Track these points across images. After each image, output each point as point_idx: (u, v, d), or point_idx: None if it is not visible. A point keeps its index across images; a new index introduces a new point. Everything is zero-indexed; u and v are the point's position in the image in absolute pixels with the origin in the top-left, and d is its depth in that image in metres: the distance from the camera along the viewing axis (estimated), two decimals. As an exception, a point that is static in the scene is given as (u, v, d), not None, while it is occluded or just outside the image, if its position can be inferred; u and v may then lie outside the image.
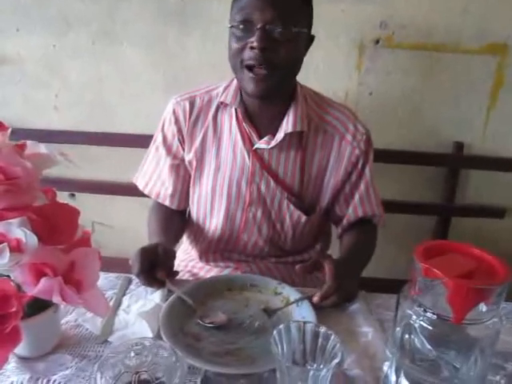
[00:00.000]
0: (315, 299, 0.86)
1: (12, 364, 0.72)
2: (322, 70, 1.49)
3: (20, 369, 0.71)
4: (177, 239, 1.15)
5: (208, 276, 1.12)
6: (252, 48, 0.90)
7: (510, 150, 1.56)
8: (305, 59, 1.01)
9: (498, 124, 1.53)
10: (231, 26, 0.94)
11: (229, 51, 0.96)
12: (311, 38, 1.01)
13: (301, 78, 1.09)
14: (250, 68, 0.92)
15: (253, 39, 0.90)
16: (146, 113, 1.59)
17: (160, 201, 1.15)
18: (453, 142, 1.56)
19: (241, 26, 0.91)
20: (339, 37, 1.46)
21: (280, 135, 1.01)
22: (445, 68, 1.47)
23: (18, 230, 0.63)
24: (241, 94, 1.03)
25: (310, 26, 0.99)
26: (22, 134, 1.56)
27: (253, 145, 1.04)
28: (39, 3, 1.51)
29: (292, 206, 1.07)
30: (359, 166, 1.08)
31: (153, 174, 1.15)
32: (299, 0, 0.93)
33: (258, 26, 0.89)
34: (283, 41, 0.91)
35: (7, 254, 0.62)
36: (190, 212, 1.18)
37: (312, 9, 0.98)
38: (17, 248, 0.63)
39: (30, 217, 0.65)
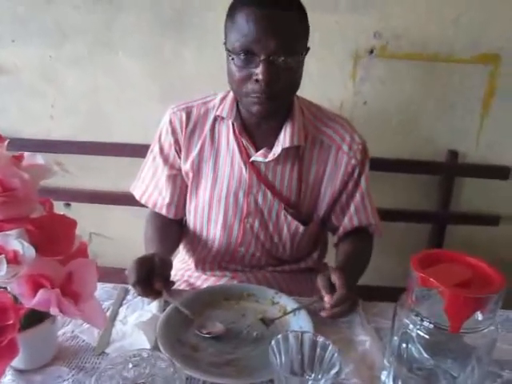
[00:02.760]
0: (324, 310, 0.85)
1: (8, 377, 0.71)
2: (317, 80, 1.50)
3: (17, 381, 0.71)
4: (174, 248, 1.15)
5: (205, 285, 1.12)
6: (257, 80, 0.90)
7: (504, 158, 1.57)
8: (299, 69, 1.01)
9: (492, 132, 1.54)
10: (229, 52, 0.92)
11: (229, 76, 0.95)
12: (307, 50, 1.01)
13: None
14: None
15: (258, 71, 0.89)
16: (143, 122, 1.60)
17: (157, 210, 1.15)
18: (447, 151, 1.57)
19: (242, 56, 0.90)
20: (334, 47, 1.47)
21: (277, 150, 1.01)
22: (438, 77, 1.49)
23: (16, 242, 0.63)
24: (237, 107, 1.04)
25: (307, 41, 0.99)
26: (17, 144, 1.59)
27: (250, 157, 1.04)
28: (35, 14, 1.51)
29: (289, 217, 1.08)
30: (355, 175, 1.08)
31: (150, 184, 1.15)
32: (299, 26, 0.92)
33: (262, 58, 0.88)
34: (286, 69, 0.90)
35: (4, 265, 0.62)
36: (186, 222, 1.18)
37: (309, 27, 0.98)
38: (14, 260, 0.62)
39: (27, 228, 0.65)
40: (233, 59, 0.92)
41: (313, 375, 0.64)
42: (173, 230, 1.15)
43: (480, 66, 1.46)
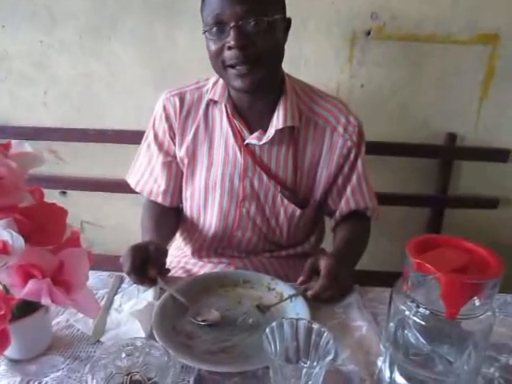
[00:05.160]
0: (309, 294, 0.86)
1: (2, 367, 0.71)
2: (313, 63, 1.47)
3: (11, 371, 0.70)
4: (170, 236, 1.14)
5: (201, 272, 1.11)
6: (230, 48, 0.89)
7: (503, 140, 1.55)
8: (295, 52, 0.99)
9: (490, 114, 1.52)
10: (205, 31, 0.92)
11: (209, 56, 0.96)
12: (288, 21, 0.99)
13: (292, 70, 1.08)
14: (232, 66, 0.92)
15: (229, 39, 0.89)
16: (136, 108, 1.58)
17: (152, 198, 1.14)
18: (445, 133, 1.55)
19: (214, 29, 0.90)
20: (330, 29, 1.44)
21: (271, 131, 1.00)
22: (436, 59, 1.46)
23: (4, 232, 0.62)
24: (229, 90, 1.02)
25: (283, 9, 0.96)
26: (10, 132, 1.57)
27: (244, 140, 1.03)
28: (25, -2, 1.48)
29: (286, 200, 1.07)
30: (351, 158, 1.07)
31: (145, 172, 1.13)
32: None
33: (231, 25, 0.88)
34: (259, 33, 0.89)
35: (-7, 256, 0.61)
36: (183, 209, 1.17)
37: None
38: (3, 250, 0.61)
39: (16, 218, 0.64)
40: (208, 36, 0.92)
41: (308, 362, 0.63)
42: (169, 218, 1.14)
43: (479, 47, 1.44)
